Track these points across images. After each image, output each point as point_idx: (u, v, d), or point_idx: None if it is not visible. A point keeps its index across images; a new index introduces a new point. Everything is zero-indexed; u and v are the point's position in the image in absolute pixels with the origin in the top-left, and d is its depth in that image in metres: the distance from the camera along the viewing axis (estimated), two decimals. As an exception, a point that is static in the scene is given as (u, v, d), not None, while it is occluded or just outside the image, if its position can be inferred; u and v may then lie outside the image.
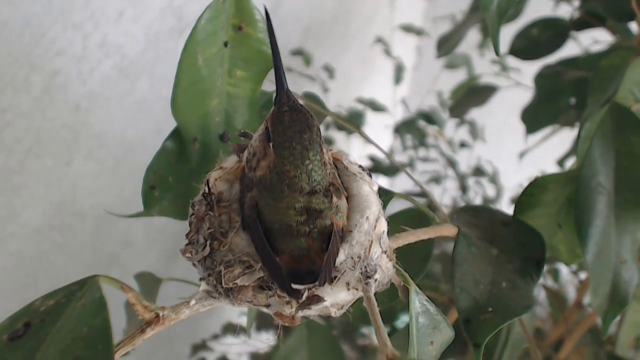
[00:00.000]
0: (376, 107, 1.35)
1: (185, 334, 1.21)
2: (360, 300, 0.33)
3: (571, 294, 1.15)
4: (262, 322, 1.05)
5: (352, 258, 0.32)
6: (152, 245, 1.04)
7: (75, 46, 0.73)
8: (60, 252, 0.84)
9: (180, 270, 1.10)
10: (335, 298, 0.31)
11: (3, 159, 0.70)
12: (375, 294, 0.32)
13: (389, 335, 0.28)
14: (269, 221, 0.32)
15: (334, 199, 0.32)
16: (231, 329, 1.15)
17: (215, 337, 1.18)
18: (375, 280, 0.32)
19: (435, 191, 1.52)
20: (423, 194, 1.19)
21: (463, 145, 1.54)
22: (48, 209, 0.80)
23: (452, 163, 1.49)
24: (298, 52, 1.22)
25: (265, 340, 1.01)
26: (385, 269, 0.33)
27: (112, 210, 0.56)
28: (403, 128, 1.46)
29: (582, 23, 0.85)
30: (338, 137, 1.43)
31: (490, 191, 1.52)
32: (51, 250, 0.83)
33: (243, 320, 1.27)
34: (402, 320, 0.78)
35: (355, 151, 1.61)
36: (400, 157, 1.56)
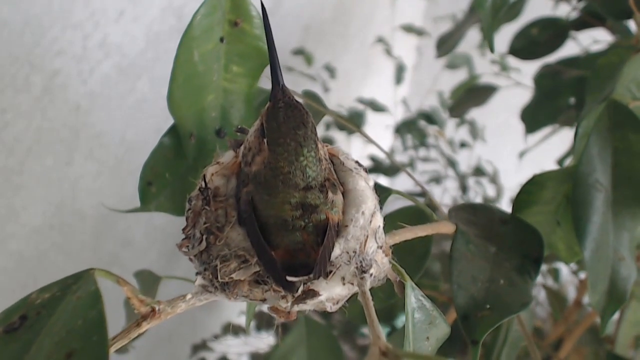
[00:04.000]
0: (377, 107, 1.35)
1: (185, 334, 1.21)
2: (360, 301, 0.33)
3: (571, 293, 1.15)
4: (262, 322, 1.05)
5: (347, 252, 0.32)
6: (152, 245, 1.05)
7: (75, 46, 0.74)
8: (60, 252, 0.84)
9: (180, 270, 1.10)
10: (331, 292, 0.31)
11: (3, 159, 0.71)
12: (372, 291, 0.32)
13: (389, 334, 0.28)
14: (265, 216, 0.32)
15: (330, 194, 0.32)
16: (231, 329, 1.15)
17: (215, 337, 1.18)
18: (371, 275, 0.32)
19: (436, 191, 1.52)
20: (423, 193, 1.19)
21: (463, 145, 1.54)
22: (48, 209, 0.80)
23: (452, 163, 1.49)
24: (299, 52, 1.22)
25: (265, 340, 1.01)
26: (381, 264, 0.33)
27: (107, 206, 0.56)
28: (403, 128, 1.46)
29: (582, 23, 0.85)
30: (339, 137, 1.43)
31: (491, 191, 1.52)
32: (51, 250, 0.83)
33: (243, 320, 1.27)
34: (401, 320, 0.78)
35: (355, 151, 1.61)
36: (401, 157, 1.56)
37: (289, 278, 0.30)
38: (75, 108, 0.78)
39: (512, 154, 1.20)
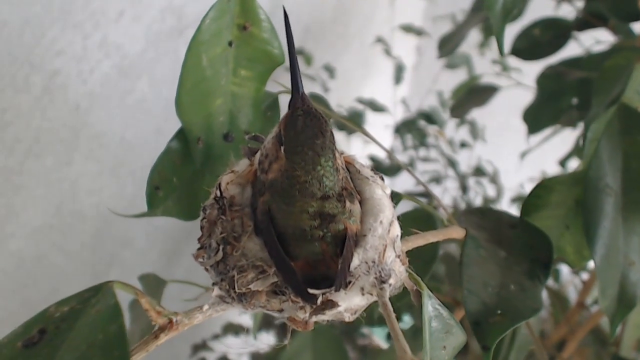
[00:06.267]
0: (376, 107, 1.35)
1: (186, 334, 1.20)
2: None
3: (571, 293, 1.15)
4: (263, 322, 1.05)
5: (366, 263, 0.31)
6: (153, 245, 1.04)
7: (75, 46, 0.73)
8: (60, 252, 0.84)
9: (180, 270, 1.10)
10: (350, 303, 0.31)
11: (3, 159, 0.70)
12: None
13: (389, 336, 0.28)
14: (282, 226, 0.31)
15: (347, 203, 0.32)
16: (232, 329, 1.15)
17: (216, 337, 1.17)
18: (390, 285, 0.32)
19: (436, 191, 1.51)
20: (425, 193, 1.19)
21: (463, 145, 1.54)
22: (48, 209, 0.79)
23: (452, 163, 1.49)
24: (299, 52, 1.22)
25: (265, 340, 1.01)
26: (398, 273, 0.33)
27: (112, 211, 0.56)
28: (403, 128, 1.46)
29: (584, 23, 0.85)
30: (338, 137, 1.43)
31: (491, 191, 1.52)
32: (51, 250, 0.82)
33: (243, 320, 1.27)
34: (404, 322, 0.78)
35: (355, 151, 1.60)
36: (401, 157, 1.56)
37: (311, 291, 0.30)
38: (75, 108, 0.77)
39: (513, 154, 1.20)
